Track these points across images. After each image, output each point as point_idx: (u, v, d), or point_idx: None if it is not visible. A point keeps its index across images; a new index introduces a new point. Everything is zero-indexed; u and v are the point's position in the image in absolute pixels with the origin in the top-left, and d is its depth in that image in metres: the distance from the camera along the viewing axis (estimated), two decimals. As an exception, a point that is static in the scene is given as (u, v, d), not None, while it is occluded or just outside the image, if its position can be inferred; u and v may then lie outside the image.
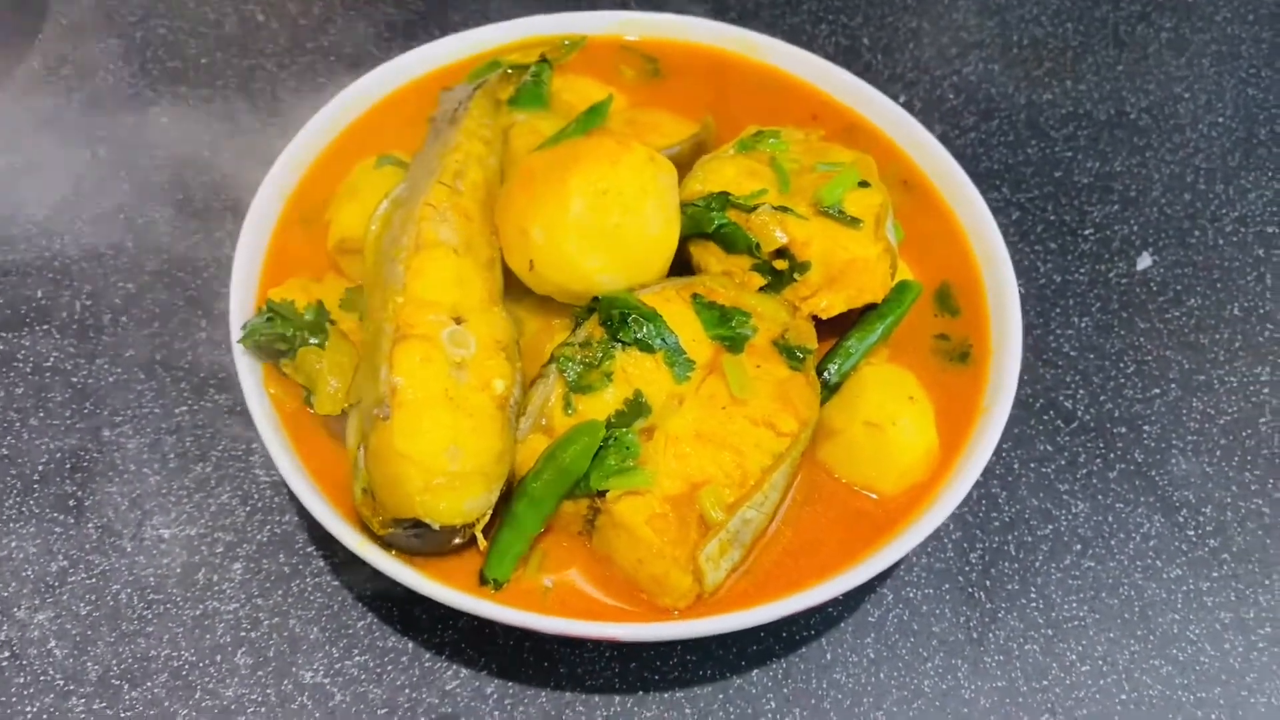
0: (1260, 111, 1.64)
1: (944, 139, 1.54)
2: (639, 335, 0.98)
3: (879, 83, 1.60)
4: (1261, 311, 1.42)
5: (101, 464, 1.20)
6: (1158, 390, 1.34)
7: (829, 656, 1.12)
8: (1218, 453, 1.30)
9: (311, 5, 1.65)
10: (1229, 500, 1.26)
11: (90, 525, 1.16)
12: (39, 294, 1.32)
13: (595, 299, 1.01)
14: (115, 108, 1.51)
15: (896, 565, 1.15)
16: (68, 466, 1.19)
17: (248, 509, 1.17)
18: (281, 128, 1.49)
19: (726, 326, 1.01)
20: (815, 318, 1.06)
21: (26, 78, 1.53)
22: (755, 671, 1.11)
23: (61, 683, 1.06)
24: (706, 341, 1.01)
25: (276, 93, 1.54)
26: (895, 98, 1.58)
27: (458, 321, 0.97)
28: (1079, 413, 1.31)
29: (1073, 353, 1.36)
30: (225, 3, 1.65)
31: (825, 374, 1.06)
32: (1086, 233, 1.48)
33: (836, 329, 1.09)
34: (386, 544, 0.95)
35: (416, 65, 1.28)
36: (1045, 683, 1.12)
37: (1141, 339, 1.38)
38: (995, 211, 1.46)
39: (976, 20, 1.73)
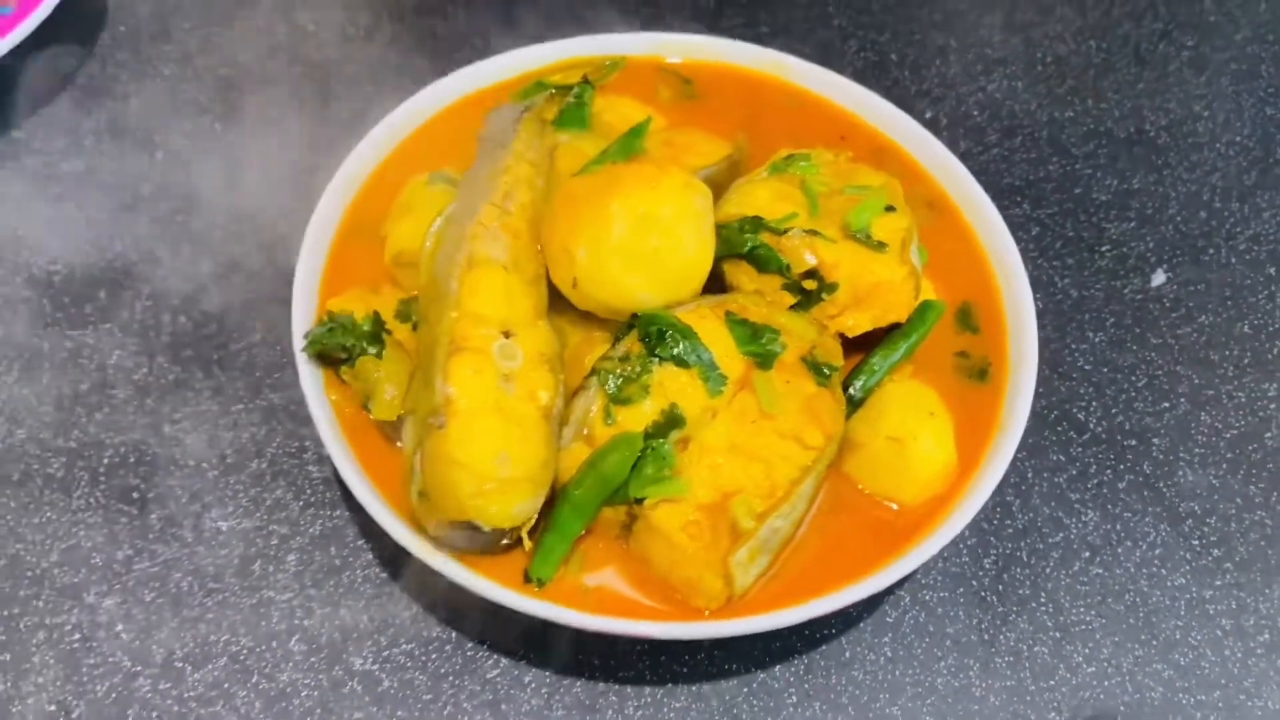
0: (1278, 131, 1.69)
1: (968, 155, 1.60)
2: (675, 351, 1.05)
3: (906, 98, 1.67)
4: (1271, 329, 1.47)
5: (163, 458, 1.26)
6: (1167, 404, 1.39)
7: (848, 654, 1.18)
8: (1224, 465, 1.35)
9: (358, 15, 1.72)
10: (1233, 512, 1.31)
11: (153, 516, 1.22)
12: (101, 294, 1.39)
13: (634, 315, 1.07)
14: (171, 114, 1.57)
15: (913, 570, 1.22)
16: (131, 460, 1.26)
17: (300, 503, 1.24)
18: (329, 135, 1.55)
19: (757, 343, 1.08)
20: (842, 336, 1.12)
21: (86, 84, 1.60)
22: (778, 667, 1.17)
23: (129, 664, 1.13)
24: (738, 357, 1.07)
25: (325, 100, 1.60)
26: (922, 113, 1.65)
27: (506, 335, 1.03)
28: (1091, 425, 1.37)
29: (1087, 366, 1.42)
30: (275, 12, 1.71)
31: (851, 390, 1.12)
32: (1104, 249, 1.53)
33: (862, 346, 1.15)
34: (439, 543, 1.02)
35: (463, 85, 1.34)
36: (1052, 683, 1.18)
37: (1153, 354, 1.44)
38: (1016, 227, 1.51)
39: (1002, 37, 1.78)
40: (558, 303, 1.12)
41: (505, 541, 1.01)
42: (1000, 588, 1.24)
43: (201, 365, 1.33)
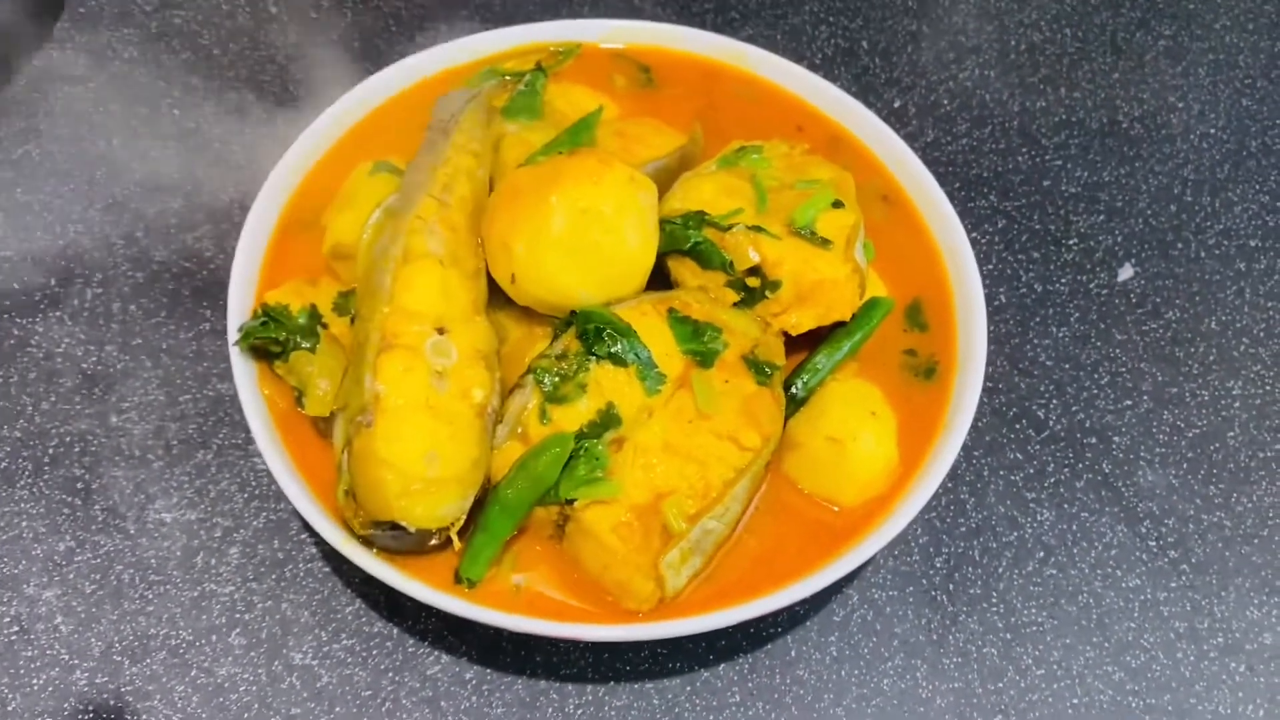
0: (1253, 123, 1.66)
1: (936, 145, 1.58)
2: (613, 350, 1.03)
3: (875, 86, 1.64)
4: (1238, 325, 1.45)
5: (108, 449, 1.25)
6: (1129, 402, 1.38)
7: (793, 653, 1.17)
8: (1184, 465, 1.33)
9: (322, -1, 1.70)
10: (1191, 513, 1.30)
11: (96, 507, 1.22)
12: (52, 281, 1.37)
13: (573, 313, 1.06)
14: (130, 98, 1.55)
15: (863, 567, 1.20)
16: (76, 450, 1.25)
17: (245, 495, 1.23)
18: (289, 121, 1.53)
19: (699, 341, 1.06)
20: (785, 334, 1.11)
21: (44, 66, 1.58)
22: (722, 666, 1.16)
23: (66, 657, 1.13)
24: (679, 356, 1.06)
25: (286, 85, 1.59)
26: (890, 102, 1.62)
27: (441, 332, 1.01)
28: (1050, 422, 1.35)
29: (1049, 362, 1.40)
30: (238, -6, 1.69)
31: (793, 389, 1.10)
32: (1070, 242, 1.51)
33: (807, 342, 1.13)
34: (368, 542, 1.01)
35: (414, 71, 1.32)
36: (1000, 685, 1.17)
37: (1117, 350, 1.42)
38: (982, 219, 1.50)
39: (975, 25, 1.75)
40: (498, 297, 1.10)
41: (434, 542, 1.00)
42: (951, 587, 1.23)
43: (150, 354, 1.32)
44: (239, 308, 1.12)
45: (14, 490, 1.22)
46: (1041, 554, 1.26)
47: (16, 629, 1.14)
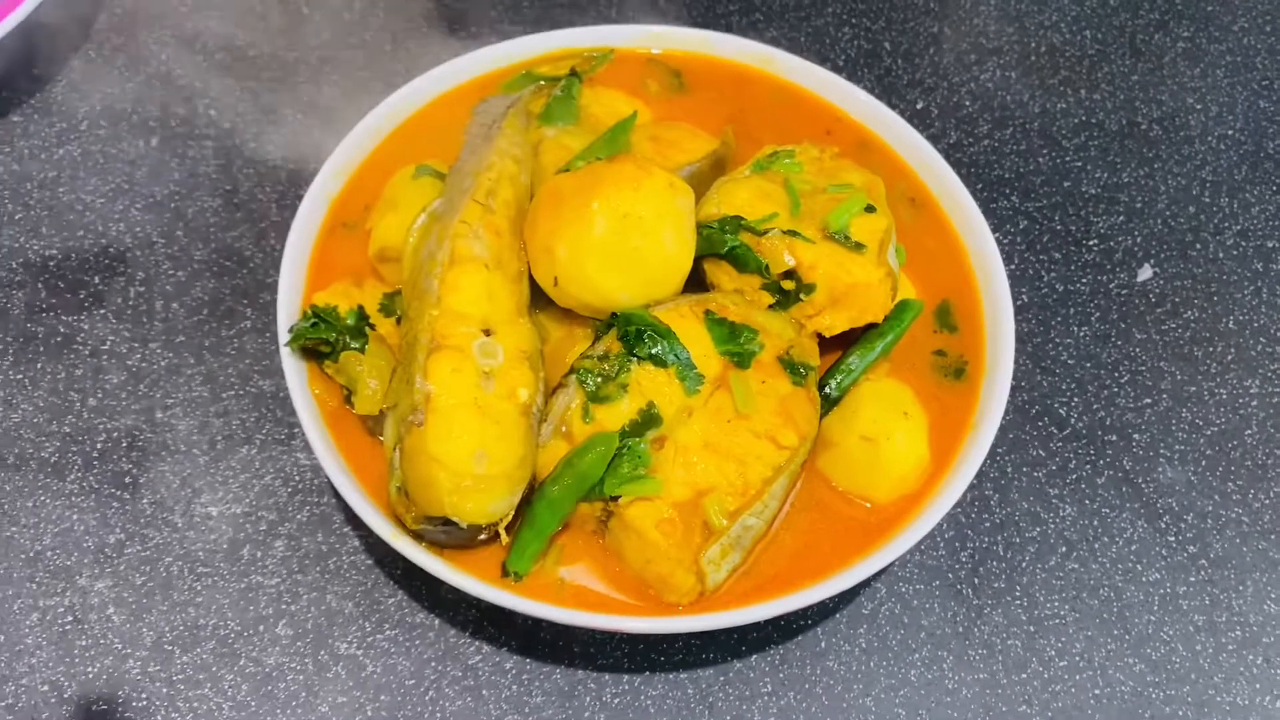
0: (1270, 125, 1.69)
1: (958, 146, 1.61)
2: (653, 351, 1.06)
3: (898, 88, 1.67)
4: (1256, 325, 1.48)
5: (155, 444, 1.29)
6: (1149, 400, 1.41)
7: (823, 645, 1.21)
8: (1203, 463, 1.36)
9: (353, 0, 1.72)
10: (1210, 509, 1.33)
11: (144, 501, 1.25)
12: (96, 280, 1.41)
13: (614, 314, 1.09)
14: (167, 98, 1.59)
15: (891, 562, 1.24)
16: (124, 445, 1.29)
17: (289, 490, 1.27)
18: (323, 120, 1.57)
19: (735, 343, 1.09)
20: (819, 335, 1.14)
21: (83, 67, 1.61)
22: (754, 656, 1.19)
23: (120, 646, 1.16)
24: (716, 357, 1.09)
25: (319, 85, 1.61)
26: (913, 103, 1.65)
27: (487, 333, 1.05)
28: (1072, 420, 1.38)
29: (1070, 361, 1.43)
30: (272, -5, 1.72)
31: (827, 389, 1.14)
32: (1091, 243, 1.54)
33: (841, 342, 1.17)
34: (418, 536, 1.04)
35: (451, 77, 1.35)
36: (1024, 676, 1.21)
37: (1137, 349, 1.45)
38: (1004, 220, 1.53)
39: (996, 26, 1.78)
40: (539, 298, 1.14)
41: (483, 537, 1.03)
42: (976, 581, 1.26)
43: (193, 352, 1.35)
44: (288, 309, 1.15)
45: (64, 484, 1.26)
46: (1064, 549, 1.29)
47: (71, 619, 1.17)
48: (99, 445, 1.28)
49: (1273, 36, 1.80)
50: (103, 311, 1.38)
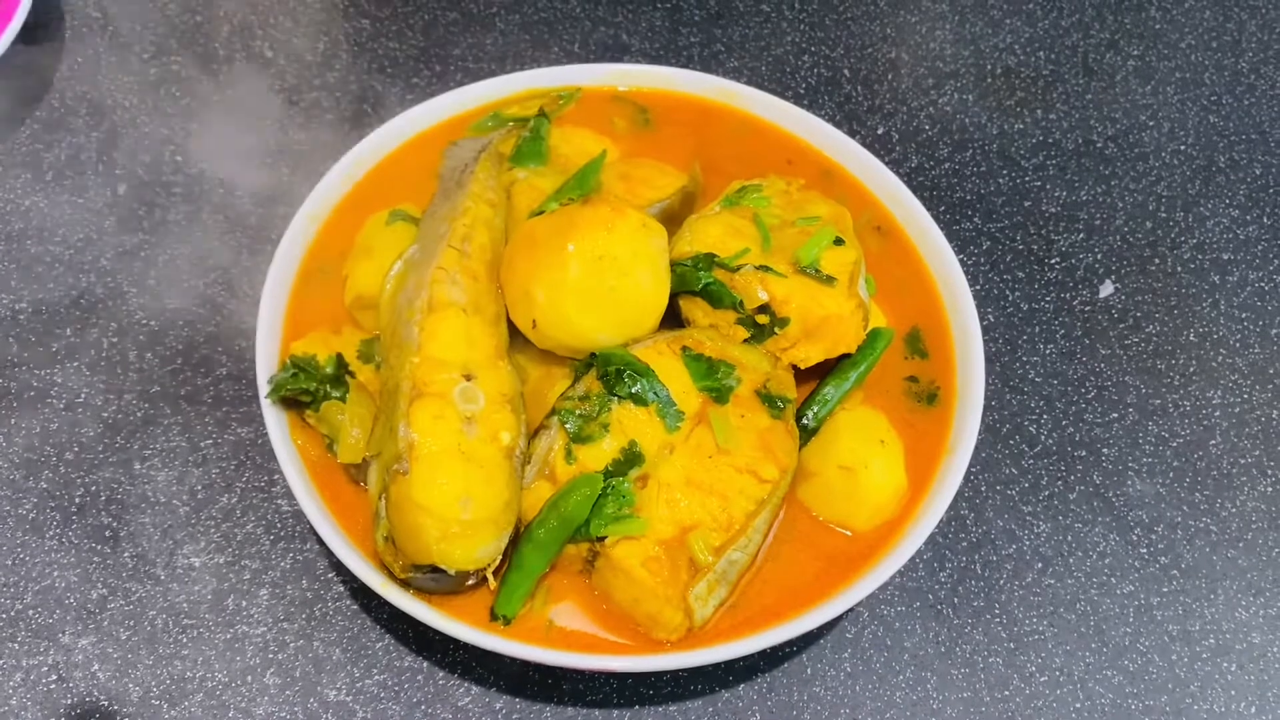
0: (1220, 139, 1.73)
1: (920, 170, 1.64)
2: (633, 390, 1.08)
3: (859, 114, 1.70)
4: (1216, 336, 1.52)
5: (134, 496, 1.28)
6: (1116, 415, 1.44)
7: (809, 671, 1.22)
8: (1170, 474, 1.40)
9: (317, 42, 1.73)
10: (1179, 519, 1.36)
11: (126, 555, 1.25)
12: (68, 332, 1.40)
13: (593, 354, 1.10)
14: (133, 145, 1.58)
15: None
16: (103, 498, 1.28)
17: (271, 537, 1.27)
18: (291, 165, 1.57)
19: (713, 378, 1.11)
20: (795, 367, 1.16)
21: (47, 117, 1.60)
22: (742, 686, 1.21)
23: (106, 703, 1.16)
24: (695, 393, 1.11)
25: (286, 129, 1.62)
26: (874, 129, 1.68)
27: (468, 378, 1.06)
28: (1042, 437, 1.41)
29: (1038, 379, 1.46)
30: (235, 39, 1.72)
31: (804, 419, 1.15)
32: (1053, 261, 1.57)
33: (816, 373, 1.19)
34: (406, 584, 1.05)
35: (421, 120, 1.36)
36: (1006, 693, 1.23)
37: (1102, 365, 1.48)
38: (967, 242, 1.56)
39: (952, 50, 1.81)
40: (517, 340, 1.15)
41: (471, 582, 1.04)
42: (956, 600, 1.28)
43: (169, 401, 1.35)
44: (266, 358, 1.16)
45: (44, 540, 1.25)
46: (1040, 565, 1.31)
47: (55, 678, 1.17)
48: (77, 499, 1.28)
49: (1219, 52, 1.84)
50: (76, 364, 1.38)
